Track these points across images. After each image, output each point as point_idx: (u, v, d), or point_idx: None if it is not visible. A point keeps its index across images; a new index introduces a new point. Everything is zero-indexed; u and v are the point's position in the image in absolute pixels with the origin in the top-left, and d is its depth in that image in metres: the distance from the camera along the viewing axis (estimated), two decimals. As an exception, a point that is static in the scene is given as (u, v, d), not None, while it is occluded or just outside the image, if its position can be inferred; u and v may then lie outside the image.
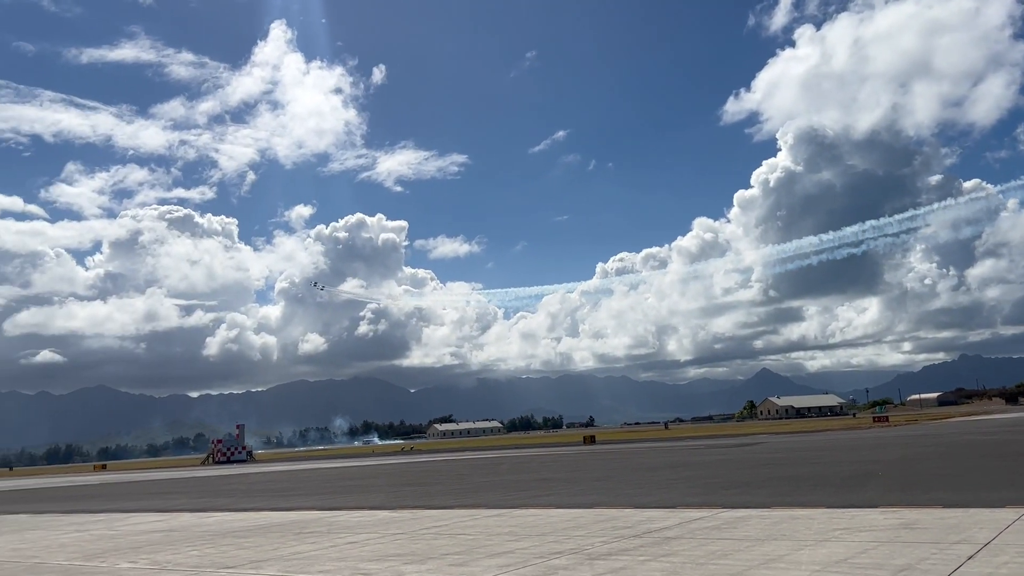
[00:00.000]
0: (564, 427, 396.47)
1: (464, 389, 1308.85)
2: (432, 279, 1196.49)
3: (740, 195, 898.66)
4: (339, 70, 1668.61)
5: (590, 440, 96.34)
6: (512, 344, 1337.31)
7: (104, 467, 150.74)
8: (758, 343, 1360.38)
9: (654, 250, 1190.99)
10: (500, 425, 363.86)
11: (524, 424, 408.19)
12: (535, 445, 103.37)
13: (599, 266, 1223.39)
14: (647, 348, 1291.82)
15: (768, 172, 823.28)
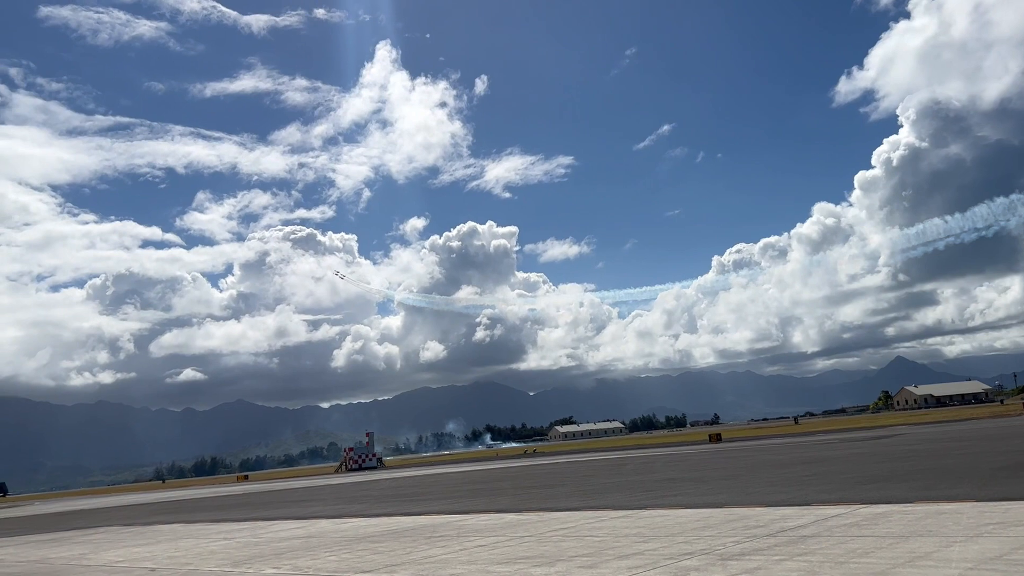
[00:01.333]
0: (688, 426, 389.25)
1: (583, 390, 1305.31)
2: (544, 282, 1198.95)
3: (861, 176, 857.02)
4: (443, 84, 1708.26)
5: (716, 438, 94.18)
6: (629, 343, 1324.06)
7: (246, 477, 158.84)
8: (890, 330, 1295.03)
9: (772, 239, 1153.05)
10: (621, 425, 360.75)
11: (646, 424, 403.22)
12: (658, 445, 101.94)
13: (715, 259, 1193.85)
14: (771, 341, 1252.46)
15: (890, 150, 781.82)
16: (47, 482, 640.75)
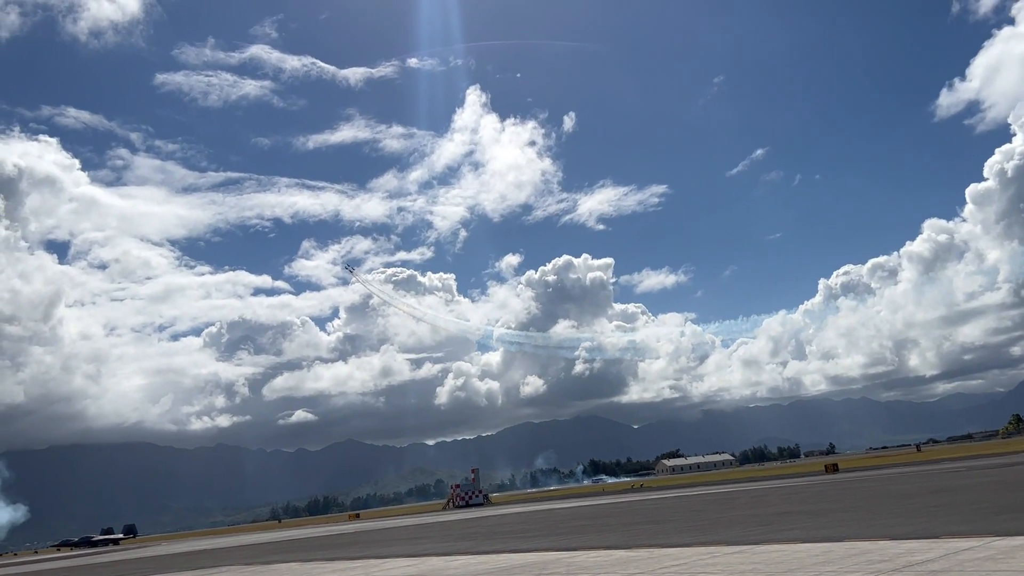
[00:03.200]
0: (801, 456, 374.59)
1: (688, 422, 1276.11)
2: (643, 313, 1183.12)
3: (973, 189, 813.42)
4: (531, 124, 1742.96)
5: (832, 468, 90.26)
6: (734, 372, 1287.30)
7: (358, 516, 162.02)
8: (1016, 350, 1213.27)
9: (881, 259, 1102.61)
10: (731, 457, 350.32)
11: (757, 455, 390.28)
12: (771, 477, 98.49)
13: (821, 282, 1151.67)
14: (885, 365, 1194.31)
15: (1004, 160, 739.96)
16: (172, 523, 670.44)
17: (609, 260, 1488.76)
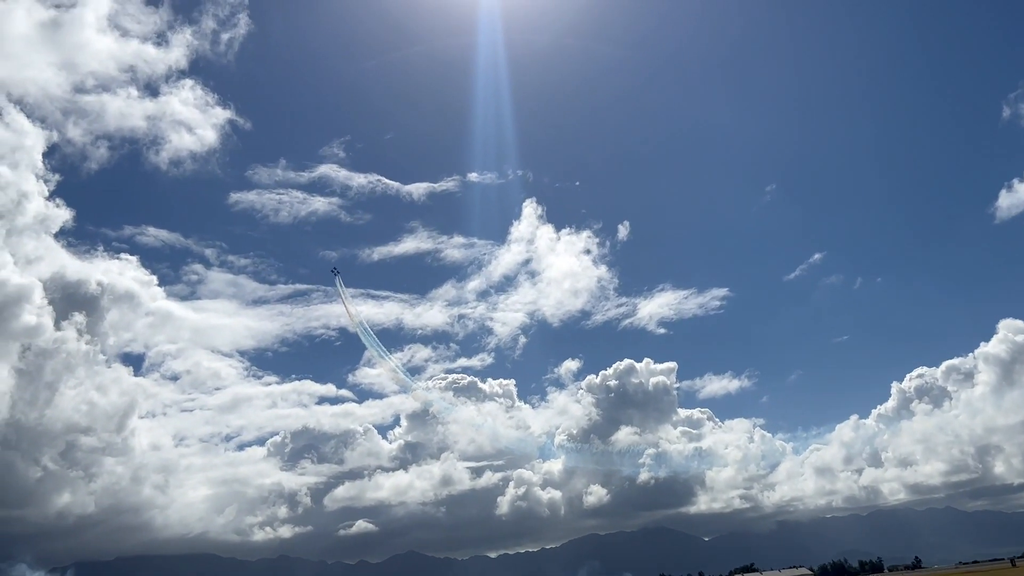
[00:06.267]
0: (885, 571, 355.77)
1: (761, 534, 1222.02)
2: (709, 419, 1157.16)
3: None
4: (586, 233, 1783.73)
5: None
6: (807, 481, 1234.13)
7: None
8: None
9: (956, 361, 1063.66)
10: (809, 572, 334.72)
11: (837, 570, 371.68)
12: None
13: (894, 385, 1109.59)
14: (968, 473, 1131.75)
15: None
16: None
17: (672, 364, 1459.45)
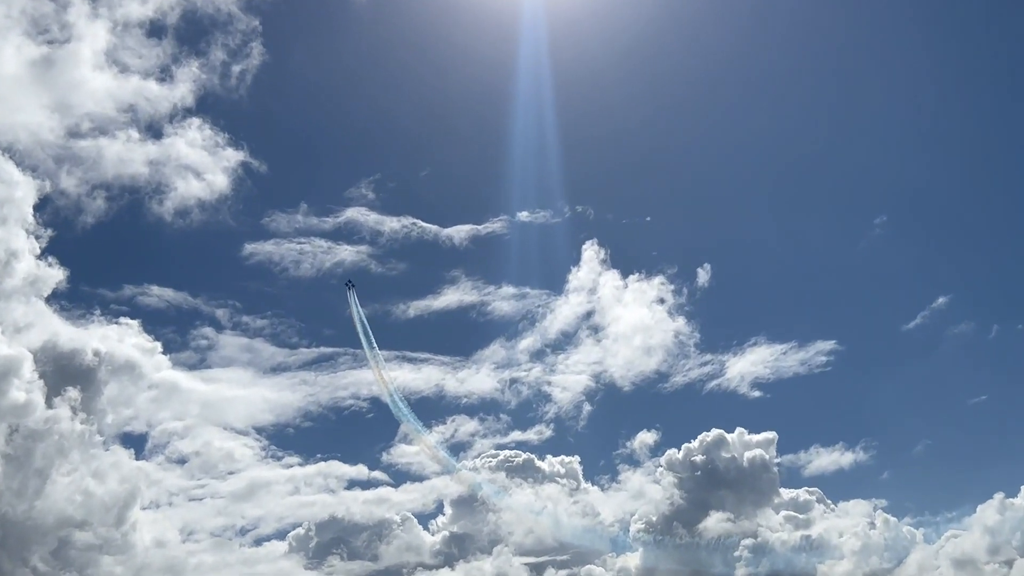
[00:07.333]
0: None
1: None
2: (819, 500, 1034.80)
3: None
4: (659, 279, 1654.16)
5: None
6: (945, 574, 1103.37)
7: None
8: None
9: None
10: None
11: None
12: None
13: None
14: None
15: None
16: None
17: (771, 434, 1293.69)
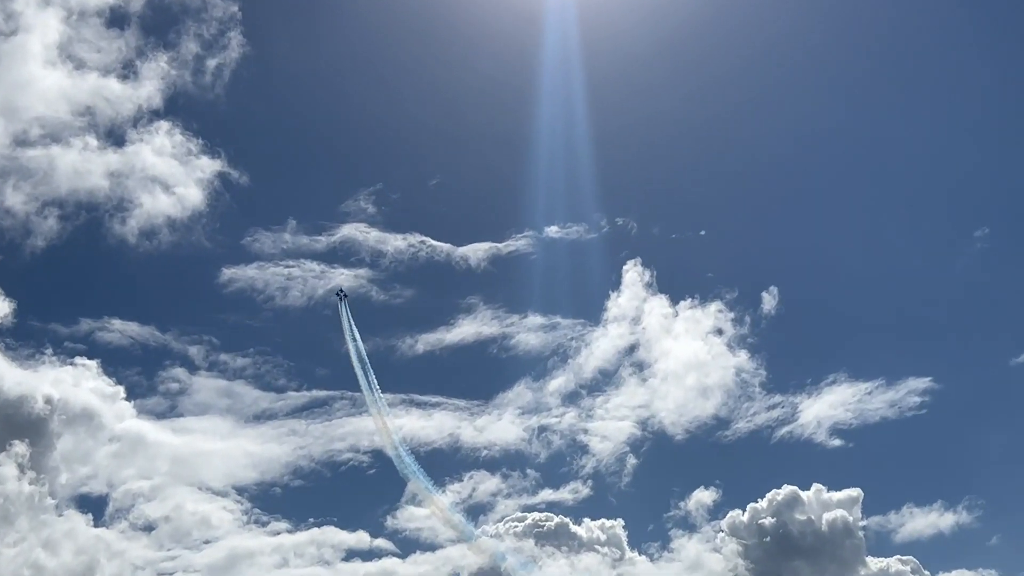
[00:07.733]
0: None
1: None
2: (914, 571, 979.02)
3: None
4: (715, 306, 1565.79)
5: None
6: None
7: None
8: None
9: None
10: None
11: None
12: None
13: None
14: None
15: None
16: None
17: (855, 492, 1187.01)
